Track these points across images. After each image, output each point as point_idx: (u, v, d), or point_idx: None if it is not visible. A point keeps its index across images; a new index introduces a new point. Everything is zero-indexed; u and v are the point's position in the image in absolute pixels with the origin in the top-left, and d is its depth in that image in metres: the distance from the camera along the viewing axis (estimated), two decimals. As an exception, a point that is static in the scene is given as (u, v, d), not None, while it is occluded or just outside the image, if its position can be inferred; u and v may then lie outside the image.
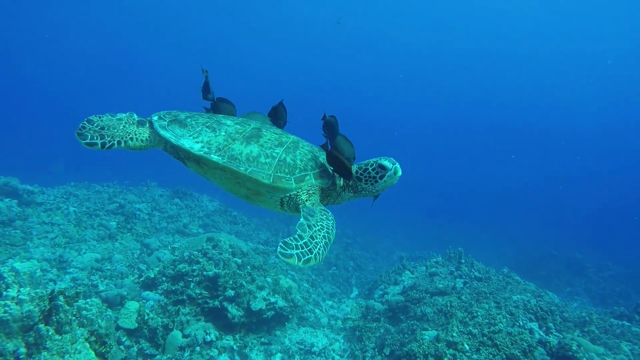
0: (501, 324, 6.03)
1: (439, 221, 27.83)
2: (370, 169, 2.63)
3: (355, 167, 2.70)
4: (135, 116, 2.87)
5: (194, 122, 2.78)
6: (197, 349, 5.51)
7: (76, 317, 3.46)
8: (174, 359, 5.32)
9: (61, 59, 48.99)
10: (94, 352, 3.48)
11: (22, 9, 43.58)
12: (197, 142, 2.61)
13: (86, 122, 2.69)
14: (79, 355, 3.29)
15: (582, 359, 5.24)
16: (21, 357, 3.09)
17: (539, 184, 45.03)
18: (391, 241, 21.51)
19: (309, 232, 2.33)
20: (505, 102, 51.57)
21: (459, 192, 41.93)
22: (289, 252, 2.16)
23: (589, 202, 34.55)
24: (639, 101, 44.61)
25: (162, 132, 2.69)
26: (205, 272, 6.48)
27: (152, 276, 6.67)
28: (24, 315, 3.13)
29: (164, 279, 6.58)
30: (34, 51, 46.70)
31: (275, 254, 10.95)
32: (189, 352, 5.49)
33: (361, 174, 2.66)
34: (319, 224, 2.41)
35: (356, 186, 2.73)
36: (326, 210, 2.58)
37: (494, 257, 17.46)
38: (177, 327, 5.72)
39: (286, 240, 2.24)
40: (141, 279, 6.78)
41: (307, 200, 2.62)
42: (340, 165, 2.60)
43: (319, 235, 2.34)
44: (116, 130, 2.73)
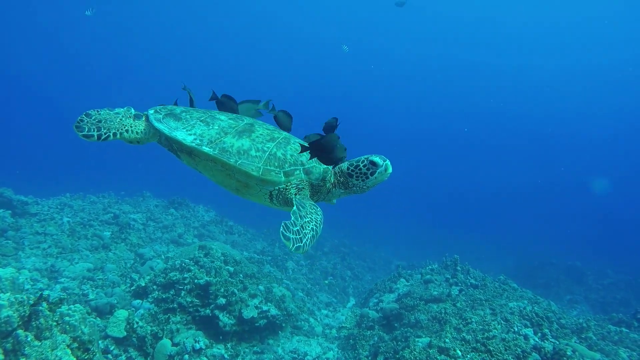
0: (495, 330, 5.96)
1: (438, 230, 27.73)
2: (361, 165, 2.63)
3: (346, 164, 2.71)
4: (132, 110, 2.97)
5: (188, 116, 2.86)
6: (186, 357, 5.44)
7: (58, 323, 3.42)
8: (163, 368, 5.24)
9: (58, 65, 48.77)
10: (75, 358, 3.42)
11: (11, 16, 43.19)
12: (190, 135, 2.66)
13: (84, 116, 2.78)
14: (60, 361, 3.24)
15: (577, 365, 5.16)
16: (-1, 363, 3.05)
17: (538, 191, 44.93)
18: (390, 251, 21.40)
19: (300, 221, 2.38)
20: (504, 110, 51.73)
21: (459, 201, 41.86)
22: (288, 235, 2.24)
23: (588, 210, 34.46)
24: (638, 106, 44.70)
25: (157, 125, 2.76)
26: (196, 280, 6.42)
27: (143, 285, 6.62)
28: (2, 320, 3.08)
29: (155, 287, 6.52)
30: (28, 59, 46.20)
31: (269, 262, 10.90)
32: (178, 361, 5.42)
33: (352, 170, 2.66)
34: (308, 216, 2.44)
35: (347, 182, 2.73)
36: (315, 205, 2.60)
37: (493, 265, 17.33)
38: (166, 335, 5.65)
39: (287, 222, 2.30)
40: (132, 288, 6.73)
41: (296, 194, 2.65)
42: (319, 148, 2.54)
43: (308, 227, 2.39)
44: (113, 123, 2.82)
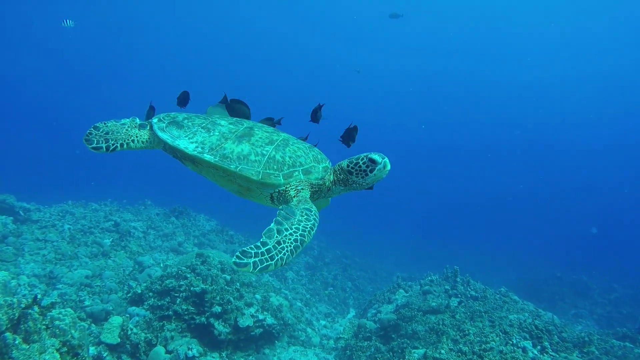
0: (493, 342, 5.87)
1: (441, 242, 27.49)
2: (361, 163, 2.69)
3: (346, 161, 2.78)
4: (137, 120, 3.07)
5: (190, 123, 2.93)
6: (179, 365, 5.40)
7: (47, 327, 3.41)
8: (156, 376, 5.20)
9: (59, 73, 48.54)
10: (64, 362, 3.41)
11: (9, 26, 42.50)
12: (192, 143, 2.75)
13: (92, 129, 2.90)
14: (48, 365, 3.23)
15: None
16: (-15, 366, 3.05)
17: (542, 204, 44.48)
18: (392, 262, 21.23)
19: (276, 237, 2.34)
20: (506, 119, 51.56)
21: (462, 213, 41.54)
22: (245, 261, 2.16)
23: (594, 222, 33.97)
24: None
25: (160, 134, 2.86)
26: (192, 288, 6.41)
27: (139, 292, 6.61)
28: (-10, 322, 3.10)
29: (151, 294, 6.51)
30: (29, 66, 45.84)
31: (268, 272, 10.83)
32: (171, 369, 5.38)
33: (352, 168, 2.72)
34: (293, 226, 2.42)
35: (347, 180, 2.79)
36: (309, 209, 2.59)
37: (496, 278, 17.07)
38: (160, 342, 5.63)
39: (245, 249, 2.25)
40: (129, 295, 6.72)
41: (295, 196, 2.69)
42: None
43: (289, 239, 2.35)
44: (119, 134, 2.93)
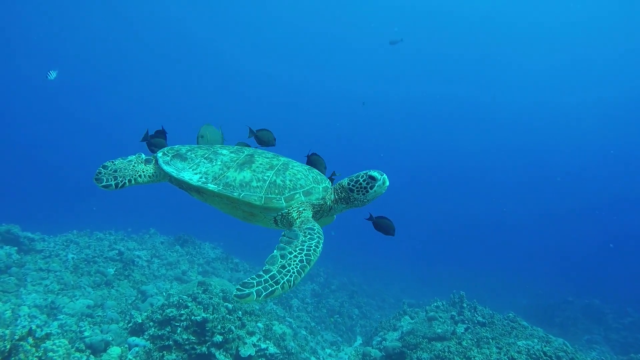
0: (501, 370, 5.69)
1: (449, 267, 26.99)
2: (361, 180, 2.81)
3: (346, 180, 2.89)
4: (143, 156, 3.25)
5: (193, 155, 3.07)
6: (178, 397, 5.28)
7: (39, 359, 3.38)
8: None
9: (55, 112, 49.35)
10: (57, 394, 3.37)
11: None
12: (196, 174, 2.88)
13: (102, 168, 3.09)
14: (41, 397, 3.19)
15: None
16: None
17: (551, 227, 43.72)
18: (400, 289, 20.87)
19: (280, 262, 2.39)
20: (514, 144, 51.61)
21: (471, 237, 40.95)
22: (247, 291, 2.17)
23: (605, 245, 33.25)
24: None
25: (165, 168, 3.01)
26: (193, 317, 6.33)
27: (140, 321, 6.54)
28: (-19, 355, 3.08)
29: (152, 323, 6.43)
30: (31, 79, 46.01)
31: (273, 300, 10.70)
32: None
33: (353, 185, 2.83)
34: (297, 248, 2.46)
35: (348, 197, 2.89)
36: (312, 227, 2.63)
37: (505, 303, 16.73)
38: (159, 374, 5.52)
39: (246, 280, 2.27)
40: (130, 325, 6.65)
41: (297, 217, 2.78)
42: None
43: (294, 261, 2.39)
44: (127, 170, 3.11)
